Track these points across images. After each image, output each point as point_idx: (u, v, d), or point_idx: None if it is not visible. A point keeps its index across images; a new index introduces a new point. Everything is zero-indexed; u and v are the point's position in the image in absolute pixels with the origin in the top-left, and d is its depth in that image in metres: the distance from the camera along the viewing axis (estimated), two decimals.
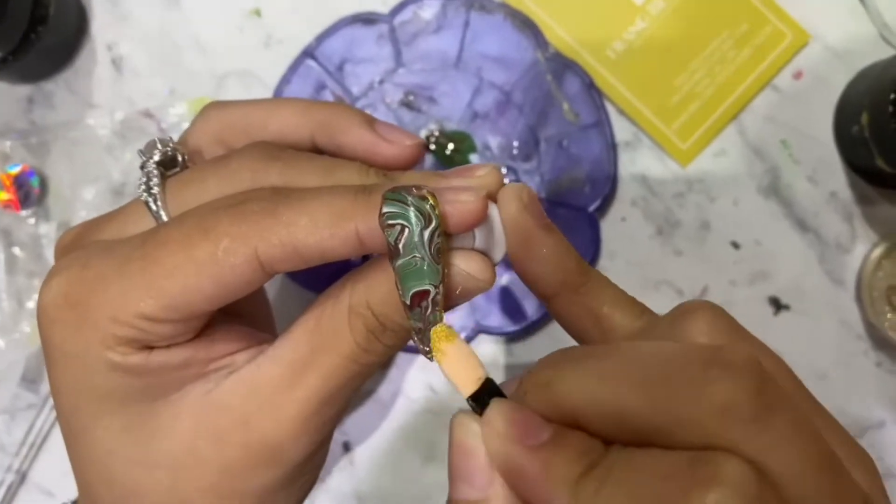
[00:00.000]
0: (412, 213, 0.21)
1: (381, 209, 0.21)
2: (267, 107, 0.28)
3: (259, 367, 0.25)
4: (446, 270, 0.22)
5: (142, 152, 0.26)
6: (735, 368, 0.18)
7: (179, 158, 0.26)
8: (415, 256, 0.21)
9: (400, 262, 0.21)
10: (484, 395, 0.22)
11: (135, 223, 0.25)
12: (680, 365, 0.19)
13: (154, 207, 0.25)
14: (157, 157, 0.26)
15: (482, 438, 0.21)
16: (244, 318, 0.31)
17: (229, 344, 0.25)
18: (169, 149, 0.26)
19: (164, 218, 0.24)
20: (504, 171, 0.52)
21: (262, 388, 0.24)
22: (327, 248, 0.22)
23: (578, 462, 0.19)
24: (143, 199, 0.25)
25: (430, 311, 0.22)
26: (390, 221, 0.21)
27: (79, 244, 0.26)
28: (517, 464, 0.20)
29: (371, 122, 0.27)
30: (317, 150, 0.28)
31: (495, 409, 0.21)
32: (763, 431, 0.18)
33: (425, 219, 0.21)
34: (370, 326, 0.24)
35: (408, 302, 0.22)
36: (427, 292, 0.22)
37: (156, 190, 0.25)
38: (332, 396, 0.25)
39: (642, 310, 0.25)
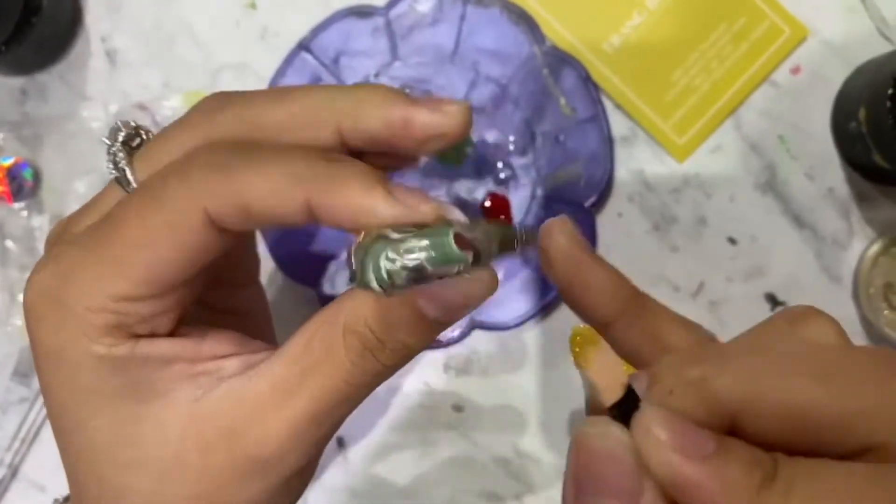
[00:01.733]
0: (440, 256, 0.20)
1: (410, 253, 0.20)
2: (281, 104, 0.24)
3: (249, 380, 0.24)
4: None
5: (106, 138, 0.26)
6: None
7: (144, 136, 0.26)
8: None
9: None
10: (626, 403, 0.20)
11: (110, 205, 0.25)
12: (853, 359, 0.19)
13: (125, 181, 0.25)
14: (121, 138, 0.26)
15: (640, 446, 0.19)
16: (241, 316, 0.31)
17: (218, 345, 0.25)
18: (132, 129, 0.26)
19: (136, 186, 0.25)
20: (500, 165, 0.51)
21: (251, 403, 0.24)
22: (278, 212, 0.22)
23: (753, 473, 0.18)
24: (112, 176, 0.25)
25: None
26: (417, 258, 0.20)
27: (60, 236, 0.26)
28: (686, 476, 0.18)
29: (405, 94, 0.25)
30: (346, 147, 0.26)
31: (653, 416, 0.19)
32: None
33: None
34: (368, 344, 0.23)
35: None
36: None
37: (122, 164, 0.25)
38: (322, 417, 0.24)
39: (692, 325, 0.25)
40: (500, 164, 0.51)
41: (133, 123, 0.26)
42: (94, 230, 0.23)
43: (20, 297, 0.52)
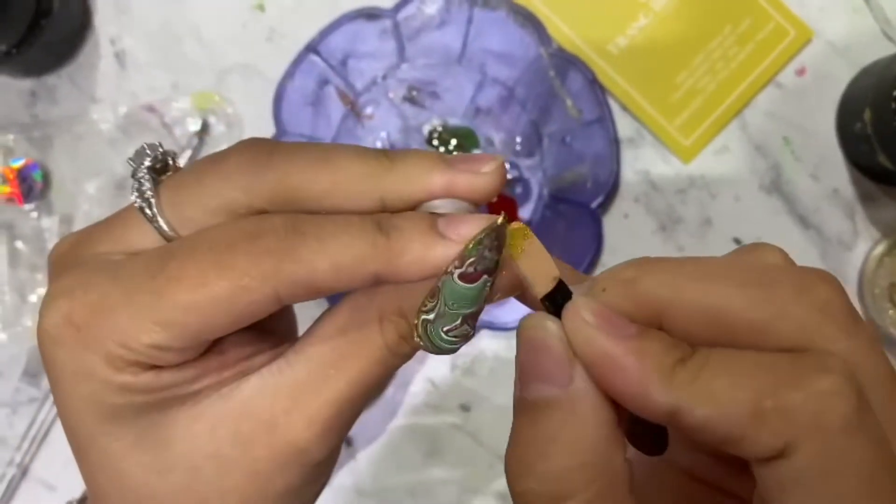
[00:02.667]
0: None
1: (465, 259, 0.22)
2: (324, 171, 0.24)
3: (281, 371, 0.25)
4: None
5: (132, 160, 0.25)
6: (830, 281, 0.20)
7: (171, 162, 0.26)
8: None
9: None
10: (557, 296, 0.22)
11: (132, 230, 0.25)
12: (778, 271, 0.21)
13: (150, 213, 0.24)
14: (147, 163, 0.25)
15: (568, 330, 0.21)
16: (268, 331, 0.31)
17: (240, 350, 0.25)
18: (159, 154, 0.25)
19: (162, 223, 0.24)
20: (507, 166, 0.52)
21: (289, 391, 0.24)
22: (346, 287, 0.23)
23: (669, 353, 0.20)
24: (137, 204, 0.24)
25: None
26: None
27: (75, 257, 0.25)
28: (608, 354, 0.20)
29: (447, 162, 0.24)
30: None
31: (581, 302, 0.21)
32: (853, 336, 0.20)
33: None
34: (402, 332, 0.25)
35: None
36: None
37: (149, 195, 0.24)
38: (358, 398, 0.25)
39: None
40: (507, 165, 0.52)
41: (160, 148, 0.25)
42: (140, 273, 0.23)
43: (31, 298, 0.53)
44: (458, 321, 0.22)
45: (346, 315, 0.25)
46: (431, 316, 0.22)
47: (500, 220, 0.22)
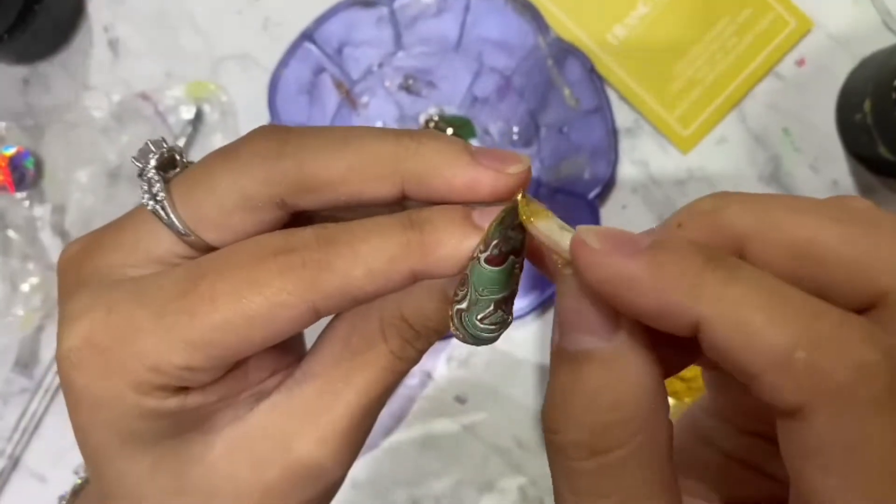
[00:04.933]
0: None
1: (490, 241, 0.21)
2: (341, 155, 0.23)
3: (290, 391, 0.25)
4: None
5: (136, 160, 0.24)
6: None
7: (177, 158, 0.24)
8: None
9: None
10: None
11: (147, 235, 0.23)
12: (876, 212, 0.19)
13: (164, 214, 0.23)
14: (154, 162, 0.24)
15: (576, 264, 0.19)
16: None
17: (261, 372, 0.25)
18: (164, 150, 0.24)
19: (177, 224, 0.23)
20: None
21: (300, 412, 0.24)
22: (384, 291, 0.22)
23: (693, 257, 0.18)
24: (150, 208, 0.23)
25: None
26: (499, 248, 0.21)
27: (89, 268, 0.24)
28: (620, 274, 0.18)
29: (473, 154, 0.23)
30: (404, 203, 0.25)
31: (583, 230, 0.19)
32: None
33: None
34: (405, 335, 0.24)
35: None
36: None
37: (161, 196, 0.23)
38: (370, 408, 0.25)
39: None
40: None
41: (165, 144, 0.24)
42: (166, 293, 0.22)
43: (22, 287, 0.52)
44: (491, 307, 0.22)
45: (348, 326, 0.25)
46: (464, 305, 0.22)
47: (519, 197, 0.21)
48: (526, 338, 0.51)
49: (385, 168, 0.23)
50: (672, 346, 0.20)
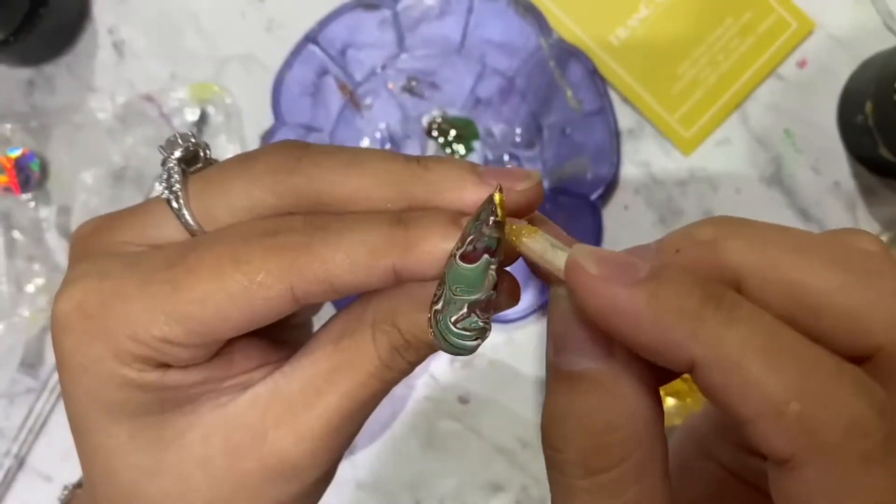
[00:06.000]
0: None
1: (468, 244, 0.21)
2: (353, 175, 0.23)
3: (276, 384, 0.24)
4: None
5: (162, 149, 0.25)
6: None
7: (201, 154, 0.25)
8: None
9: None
10: None
11: (156, 223, 0.24)
12: (879, 259, 0.19)
13: (176, 205, 0.24)
14: (178, 154, 0.24)
15: (571, 287, 0.18)
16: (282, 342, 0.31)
17: (247, 362, 0.25)
18: (191, 144, 0.25)
19: (187, 217, 0.24)
20: (506, 157, 0.51)
21: (280, 405, 0.24)
22: (363, 283, 0.22)
23: (691, 294, 0.17)
24: (164, 196, 0.24)
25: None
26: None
27: (96, 243, 0.25)
28: (617, 304, 0.17)
29: (480, 174, 0.23)
30: None
31: (579, 253, 0.18)
32: None
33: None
34: (395, 344, 0.24)
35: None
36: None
37: (177, 188, 0.24)
38: (352, 414, 0.24)
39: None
40: (506, 157, 0.51)
41: (192, 139, 0.25)
42: (157, 264, 0.23)
43: (28, 288, 0.53)
44: (465, 309, 0.21)
45: (342, 325, 0.24)
46: (440, 305, 0.21)
47: (496, 194, 0.20)
48: (528, 338, 0.51)
49: (392, 190, 0.23)
50: None
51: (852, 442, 0.16)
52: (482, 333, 0.21)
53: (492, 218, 0.20)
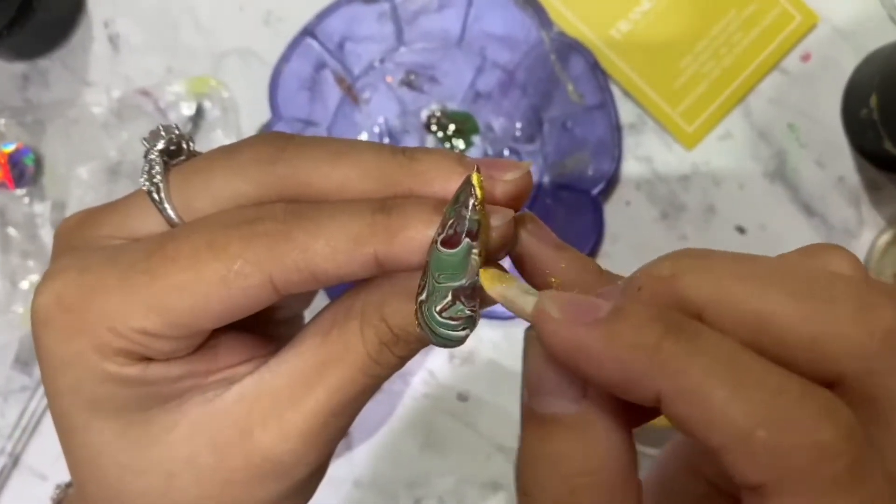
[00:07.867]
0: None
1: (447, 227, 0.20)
2: (338, 166, 0.23)
3: (262, 379, 0.24)
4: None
5: (146, 140, 0.25)
6: None
7: (185, 146, 0.25)
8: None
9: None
10: None
11: (137, 216, 0.24)
12: (840, 284, 0.18)
13: (157, 197, 0.23)
14: (161, 146, 0.24)
15: (537, 330, 0.19)
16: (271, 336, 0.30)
17: (232, 356, 0.24)
18: (174, 136, 0.25)
19: (168, 209, 0.23)
20: (507, 152, 0.51)
21: (267, 401, 0.23)
22: (344, 272, 0.21)
23: (651, 328, 0.17)
24: (145, 188, 0.24)
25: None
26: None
27: (78, 237, 0.25)
28: (578, 345, 0.18)
29: (467, 165, 0.23)
30: None
31: (545, 298, 0.19)
32: None
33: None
34: (383, 338, 0.23)
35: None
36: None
37: (158, 179, 0.23)
38: (340, 409, 0.24)
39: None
40: (506, 151, 0.51)
41: (176, 131, 0.25)
42: (136, 255, 0.22)
43: (21, 285, 0.52)
44: (449, 297, 0.20)
45: (330, 317, 0.24)
46: (424, 295, 0.21)
47: (473, 174, 0.20)
48: None
49: (378, 181, 0.23)
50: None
51: (820, 467, 0.16)
52: (469, 322, 0.21)
53: (471, 200, 0.20)
